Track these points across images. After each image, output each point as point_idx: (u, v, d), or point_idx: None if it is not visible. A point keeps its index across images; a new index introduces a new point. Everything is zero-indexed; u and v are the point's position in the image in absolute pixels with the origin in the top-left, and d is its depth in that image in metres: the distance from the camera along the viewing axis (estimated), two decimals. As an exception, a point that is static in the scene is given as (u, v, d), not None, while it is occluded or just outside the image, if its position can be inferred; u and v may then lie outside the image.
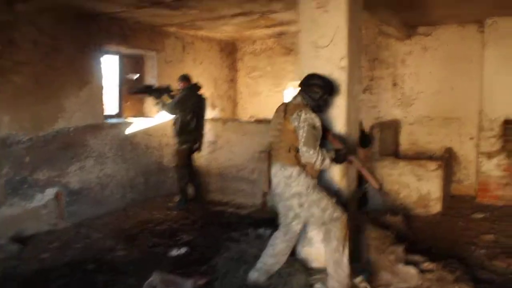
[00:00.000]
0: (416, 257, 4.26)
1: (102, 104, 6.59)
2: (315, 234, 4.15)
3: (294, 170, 3.59)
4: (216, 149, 7.25)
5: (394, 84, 8.06)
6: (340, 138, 3.97)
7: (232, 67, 9.77)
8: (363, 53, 8.02)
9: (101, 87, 6.55)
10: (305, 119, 3.50)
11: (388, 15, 6.35)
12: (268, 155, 3.84)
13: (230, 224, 5.86)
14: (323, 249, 3.89)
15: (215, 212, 6.58)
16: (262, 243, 4.81)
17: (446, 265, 4.15)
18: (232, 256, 4.44)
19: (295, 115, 3.54)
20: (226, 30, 8.16)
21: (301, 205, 3.65)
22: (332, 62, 4.20)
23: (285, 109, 3.67)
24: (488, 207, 6.73)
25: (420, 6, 6.10)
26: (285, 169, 3.63)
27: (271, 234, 4.20)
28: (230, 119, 8.12)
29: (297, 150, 3.56)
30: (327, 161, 3.53)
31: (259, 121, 7.19)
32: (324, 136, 3.79)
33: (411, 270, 3.92)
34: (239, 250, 4.62)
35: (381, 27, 7.13)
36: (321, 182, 3.93)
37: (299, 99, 3.73)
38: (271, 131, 3.82)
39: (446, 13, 6.73)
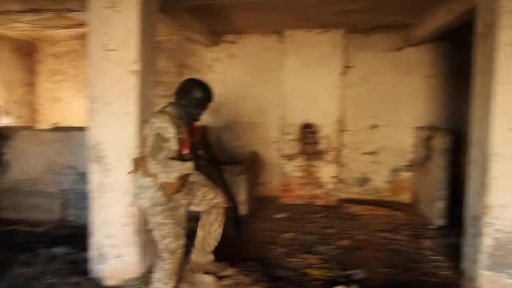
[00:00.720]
0: (216, 264, 4.23)
1: None
2: (107, 251, 3.88)
3: (146, 181, 3.32)
4: (8, 161, 6.41)
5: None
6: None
7: (30, 70, 8.83)
8: (171, 59, 8.00)
9: None
10: (154, 128, 3.24)
11: (191, 21, 6.32)
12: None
13: (22, 245, 5.15)
14: (118, 265, 3.64)
15: (5, 233, 5.75)
16: (57, 263, 4.38)
17: (244, 269, 4.20)
18: (13, 284, 3.89)
19: (148, 123, 3.30)
20: (19, 28, 7.31)
21: (146, 223, 3.36)
22: (123, 66, 3.98)
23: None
24: (290, 206, 7.16)
25: (222, 15, 6.19)
26: (138, 179, 3.38)
27: (68, 253, 3.83)
28: (24, 127, 7.27)
29: None
30: (174, 174, 3.25)
31: (57, 129, 6.55)
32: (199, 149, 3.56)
33: (208, 279, 3.87)
34: (25, 276, 4.09)
35: (187, 33, 7.10)
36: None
37: (168, 106, 3.44)
38: None
39: (248, 23, 6.97)
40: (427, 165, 6.76)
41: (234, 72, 8.07)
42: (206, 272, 3.97)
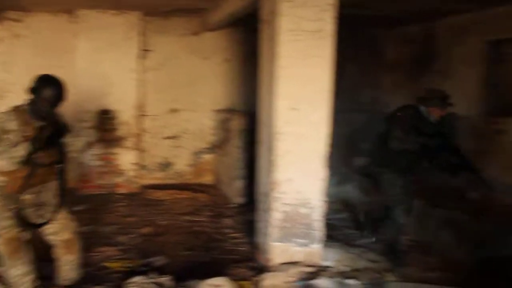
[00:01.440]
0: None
1: None
2: None
3: None
4: None
5: (-16, 75, 7.17)
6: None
7: None
8: None
9: None
10: None
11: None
12: None
13: None
14: None
15: None
16: None
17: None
18: None
19: None
20: None
21: None
22: None
23: None
24: (89, 198, 6.73)
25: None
26: None
27: None
28: None
29: None
30: (9, 157, 3.16)
31: None
32: None
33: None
34: None
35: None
36: None
37: (24, 103, 3.32)
38: None
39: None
40: (226, 146, 7.02)
41: (20, 55, 7.24)
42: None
